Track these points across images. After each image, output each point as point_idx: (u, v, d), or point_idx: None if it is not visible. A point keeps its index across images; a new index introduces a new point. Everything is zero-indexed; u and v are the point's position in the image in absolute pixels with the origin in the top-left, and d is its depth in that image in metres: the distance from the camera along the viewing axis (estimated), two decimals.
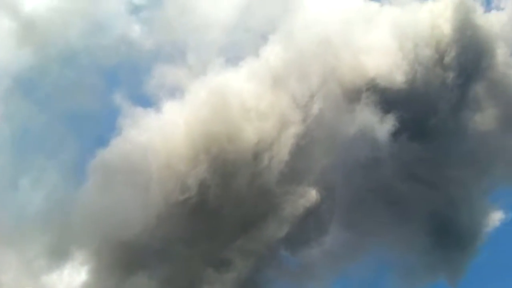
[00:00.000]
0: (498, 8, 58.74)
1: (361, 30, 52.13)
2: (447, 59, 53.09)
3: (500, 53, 56.73)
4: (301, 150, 45.64)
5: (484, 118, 55.69)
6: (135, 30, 50.34)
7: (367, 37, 51.98)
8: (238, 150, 44.40)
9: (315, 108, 47.00)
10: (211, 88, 45.82)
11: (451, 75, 52.77)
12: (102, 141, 44.98)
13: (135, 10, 51.10)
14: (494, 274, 61.43)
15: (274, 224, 44.39)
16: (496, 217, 53.23)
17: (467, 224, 52.48)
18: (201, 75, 47.69)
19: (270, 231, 44.29)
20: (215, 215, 43.46)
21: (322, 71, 48.38)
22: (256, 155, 44.96)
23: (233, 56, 49.66)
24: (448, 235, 51.67)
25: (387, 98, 49.61)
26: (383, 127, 47.75)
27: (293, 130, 45.72)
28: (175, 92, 47.58)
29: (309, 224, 46.22)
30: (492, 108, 56.28)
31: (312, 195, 44.84)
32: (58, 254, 42.53)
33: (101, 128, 46.69)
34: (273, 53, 48.66)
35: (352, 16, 52.82)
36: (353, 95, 49.55)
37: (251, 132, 45.21)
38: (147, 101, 47.60)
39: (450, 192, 52.04)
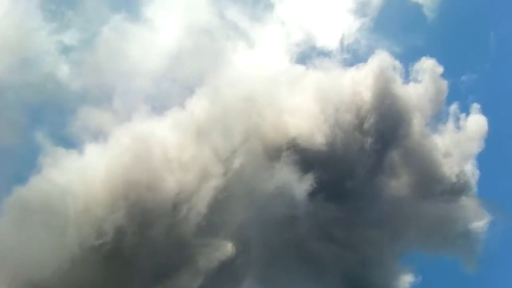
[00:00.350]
0: (416, 81, 64.25)
1: (286, 91, 55.44)
2: (366, 125, 56.79)
3: (416, 123, 61.47)
4: (219, 203, 47.06)
5: (398, 184, 59.92)
6: (64, 70, 51.23)
7: (291, 98, 55.28)
8: (157, 199, 45.33)
9: (236, 163, 48.70)
10: (135, 135, 46.84)
11: (369, 141, 56.34)
12: (20, 178, 44.57)
13: (66, 50, 52.32)
14: None
15: (188, 275, 45.30)
16: (406, 280, 56.70)
17: (379, 285, 55.57)
18: (126, 121, 48.65)
19: (184, 282, 45.18)
20: (129, 263, 43.81)
21: (246, 128, 50.59)
22: (175, 206, 46.05)
23: (159, 105, 51.21)
24: None
25: (306, 159, 52.28)
26: (301, 186, 50.13)
27: (213, 183, 47.18)
28: (99, 135, 47.93)
29: (223, 278, 47.10)
30: (407, 175, 60.68)
31: (227, 248, 46.10)
32: None
33: (20, 165, 46.47)
34: (198, 106, 50.47)
35: (278, 77, 56.25)
36: (274, 153, 52.04)
37: (171, 183, 46.37)
38: (69, 142, 47.66)
39: (364, 253, 54.91)
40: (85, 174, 45.36)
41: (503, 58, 79.48)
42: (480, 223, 62.20)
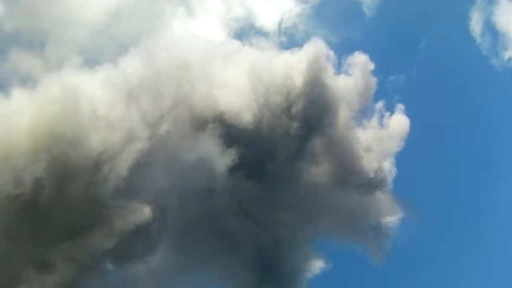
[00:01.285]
0: (347, 73, 68.33)
1: (219, 65, 57.98)
2: (294, 110, 60.07)
3: (342, 115, 65.48)
4: (141, 167, 48.84)
5: (317, 172, 63.59)
6: None
7: (224, 72, 57.83)
8: (79, 156, 46.34)
9: (163, 129, 51.07)
10: (64, 87, 47.29)
11: (295, 125, 59.68)
12: None
13: None
14: None
15: (102, 235, 46.78)
16: (317, 265, 60.21)
17: (289, 266, 58.85)
18: (56, 70, 49.00)
19: (97, 241, 46.58)
20: (44, 216, 44.83)
21: (175, 95, 52.85)
22: (97, 165, 47.30)
23: (91, 58, 51.92)
24: (271, 273, 57.50)
25: (231, 134, 55.20)
26: (222, 160, 52.80)
27: (138, 146, 48.99)
28: (28, 81, 48.10)
29: (138, 241, 49.13)
30: (327, 164, 64.48)
31: (144, 213, 47.90)
32: None
33: None
34: (131, 66, 51.96)
35: (214, 49, 58.84)
36: (200, 124, 54.59)
37: (96, 141, 47.58)
38: None
39: (277, 233, 58.19)
40: (9, 119, 45.74)
41: (430, 64, 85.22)
42: (391, 218, 66.50)
